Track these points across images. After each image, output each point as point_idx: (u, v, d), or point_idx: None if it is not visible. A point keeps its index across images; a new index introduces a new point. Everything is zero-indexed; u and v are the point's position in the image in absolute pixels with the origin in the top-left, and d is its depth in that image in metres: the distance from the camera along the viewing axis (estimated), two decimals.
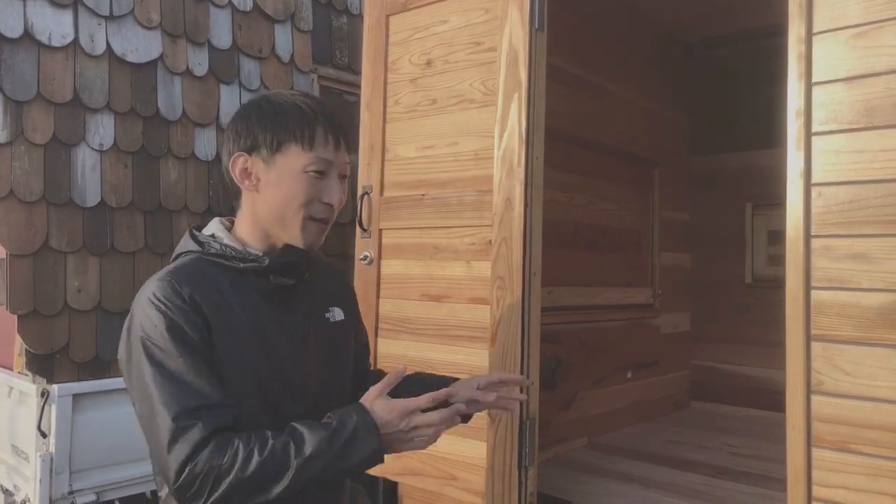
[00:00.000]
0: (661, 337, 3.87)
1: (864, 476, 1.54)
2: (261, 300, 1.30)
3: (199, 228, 1.38)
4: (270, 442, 1.15)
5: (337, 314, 1.45)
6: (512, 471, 2.13)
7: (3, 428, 3.23)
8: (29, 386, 2.97)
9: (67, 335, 3.06)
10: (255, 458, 1.13)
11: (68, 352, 3.05)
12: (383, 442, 1.20)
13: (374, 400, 1.22)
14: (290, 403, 1.30)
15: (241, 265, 1.29)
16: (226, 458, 1.12)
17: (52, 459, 2.86)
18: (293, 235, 1.32)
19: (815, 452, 1.61)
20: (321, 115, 1.30)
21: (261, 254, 1.31)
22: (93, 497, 2.98)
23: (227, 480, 1.12)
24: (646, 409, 3.67)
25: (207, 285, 1.26)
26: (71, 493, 2.91)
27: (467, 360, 2.27)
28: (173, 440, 1.13)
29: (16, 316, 2.95)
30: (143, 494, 3.20)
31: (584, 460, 2.90)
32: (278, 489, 1.14)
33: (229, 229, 1.37)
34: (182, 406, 1.15)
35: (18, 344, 3.03)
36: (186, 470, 1.12)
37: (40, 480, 2.83)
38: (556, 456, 2.87)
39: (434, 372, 1.71)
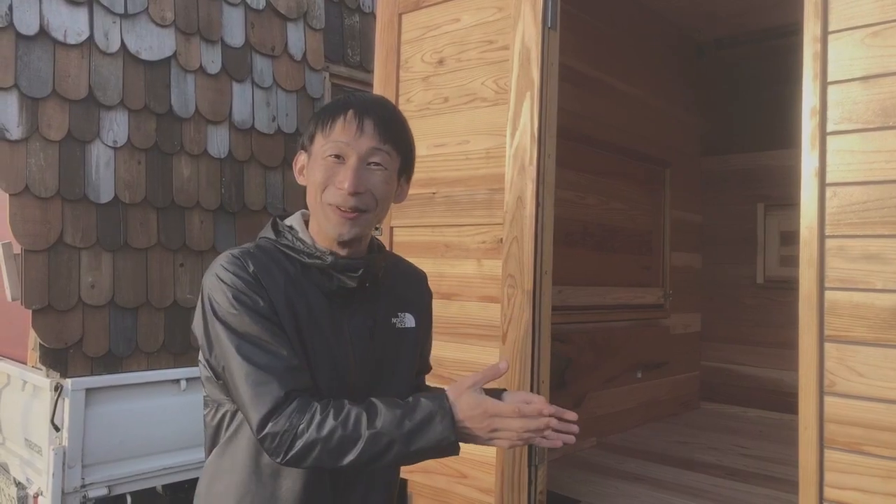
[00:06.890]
0: (672, 337, 3.86)
1: (876, 478, 1.53)
2: (322, 297, 1.30)
3: (284, 217, 1.39)
4: (346, 408, 1.17)
5: (407, 321, 1.42)
6: (522, 469, 2.13)
7: (17, 421, 3.26)
8: (42, 380, 3.00)
9: (81, 330, 3.08)
10: (331, 422, 1.15)
11: (82, 346, 3.08)
12: (458, 434, 1.18)
13: (463, 391, 1.20)
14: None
15: (307, 260, 1.30)
16: (304, 419, 1.16)
17: (64, 453, 2.88)
18: (322, 226, 1.31)
19: (828, 454, 1.60)
20: (353, 104, 1.29)
21: (327, 252, 1.31)
22: (105, 490, 3.00)
23: (304, 439, 1.15)
24: (655, 410, 3.66)
25: (274, 270, 1.27)
26: (83, 486, 2.93)
27: (478, 358, 2.27)
28: (253, 397, 1.17)
29: (30, 311, 2.98)
30: (154, 489, 3.23)
31: (593, 460, 2.91)
32: (350, 457, 1.16)
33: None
34: (257, 364, 1.18)
35: (32, 338, 3.06)
36: (269, 425, 1.16)
37: (53, 474, 2.85)
38: (565, 455, 2.87)
39: (443, 373, 1.69)
